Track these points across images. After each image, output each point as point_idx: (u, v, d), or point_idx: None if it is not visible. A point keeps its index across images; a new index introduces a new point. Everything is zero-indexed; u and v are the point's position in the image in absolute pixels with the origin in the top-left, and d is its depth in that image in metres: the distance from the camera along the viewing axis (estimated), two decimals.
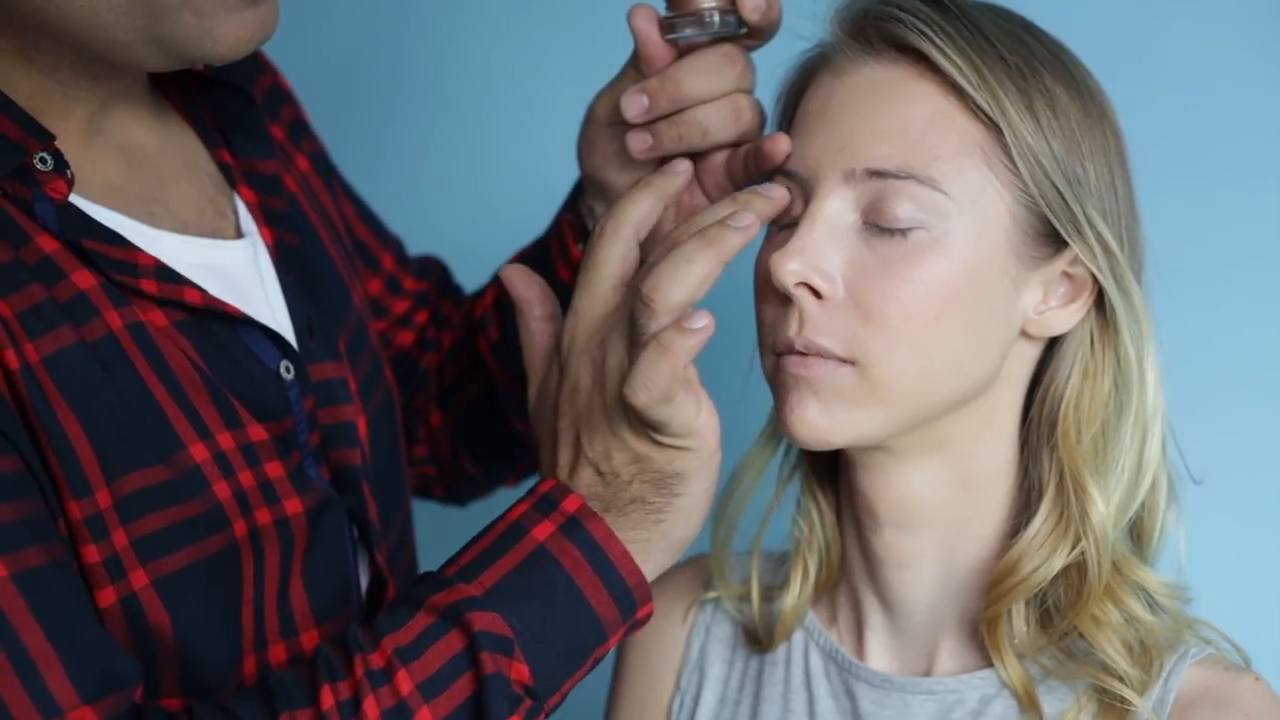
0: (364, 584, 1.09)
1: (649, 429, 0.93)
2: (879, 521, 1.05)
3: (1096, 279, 0.99)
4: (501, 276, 1.07)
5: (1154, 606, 1.02)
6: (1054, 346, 1.02)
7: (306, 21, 1.54)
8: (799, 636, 1.11)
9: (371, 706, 0.90)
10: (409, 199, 1.59)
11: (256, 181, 1.12)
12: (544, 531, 0.94)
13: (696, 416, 0.93)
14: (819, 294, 0.97)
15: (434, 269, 1.38)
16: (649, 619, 0.97)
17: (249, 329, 1.04)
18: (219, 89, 1.11)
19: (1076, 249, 0.98)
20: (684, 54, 1.05)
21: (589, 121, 1.13)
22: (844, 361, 0.97)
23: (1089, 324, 1.01)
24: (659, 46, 1.05)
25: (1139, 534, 1.04)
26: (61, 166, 0.97)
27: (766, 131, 1.07)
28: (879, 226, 0.97)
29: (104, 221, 0.99)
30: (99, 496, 0.93)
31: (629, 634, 0.97)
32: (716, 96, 1.04)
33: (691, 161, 1.08)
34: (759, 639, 1.12)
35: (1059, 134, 0.97)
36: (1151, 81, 1.31)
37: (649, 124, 1.06)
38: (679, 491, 0.95)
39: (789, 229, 1.00)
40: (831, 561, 1.10)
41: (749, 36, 1.05)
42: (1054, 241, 0.98)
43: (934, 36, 0.96)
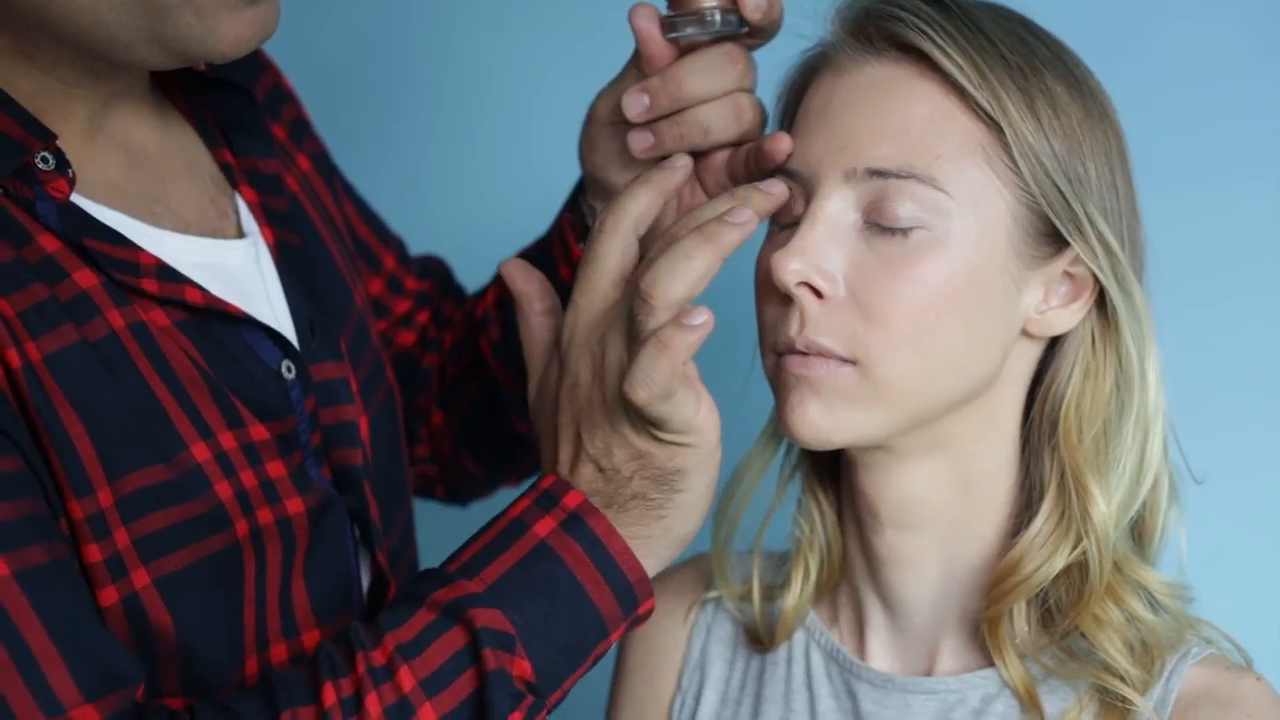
0: (365, 584, 1.09)
1: (649, 425, 0.93)
2: (880, 521, 1.04)
3: (1098, 278, 0.99)
4: (501, 271, 1.07)
5: (1155, 606, 1.02)
6: (1055, 346, 1.02)
7: (307, 21, 1.54)
8: (800, 636, 1.11)
9: (373, 703, 0.89)
10: (410, 199, 1.59)
11: (258, 181, 1.11)
12: (545, 527, 0.94)
13: (696, 413, 0.93)
14: (820, 293, 0.97)
15: (435, 269, 1.38)
16: (650, 615, 0.97)
17: (250, 329, 1.03)
18: (220, 88, 1.11)
19: (1078, 248, 0.98)
20: (685, 53, 1.05)
21: (590, 121, 1.13)
22: (845, 361, 0.97)
23: (1090, 323, 1.01)
24: (660, 45, 1.05)
25: (1140, 533, 1.04)
26: (63, 166, 0.97)
27: (768, 131, 1.07)
28: (880, 226, 0.97)
29: (105, 221, 0.99)
30: (100, 496, 0.93)
31: (630, 630, 0.96)
32: (718, 96, 1.04)
33: (693, 160, 1.08)
34: (760, 639, 1.12)
35: (1060, 133, 0.97)
36: (1152, 81, 1.31)
37: (650, 123, 1.06)
38: (680, 488, 0.95)
39: (790, 228, 1.00)
40: (833, 561, 1.10)
41: (750, 35, 1.05)
42: (1055, 241, 0.98)
43: (935, 36, 0.96)
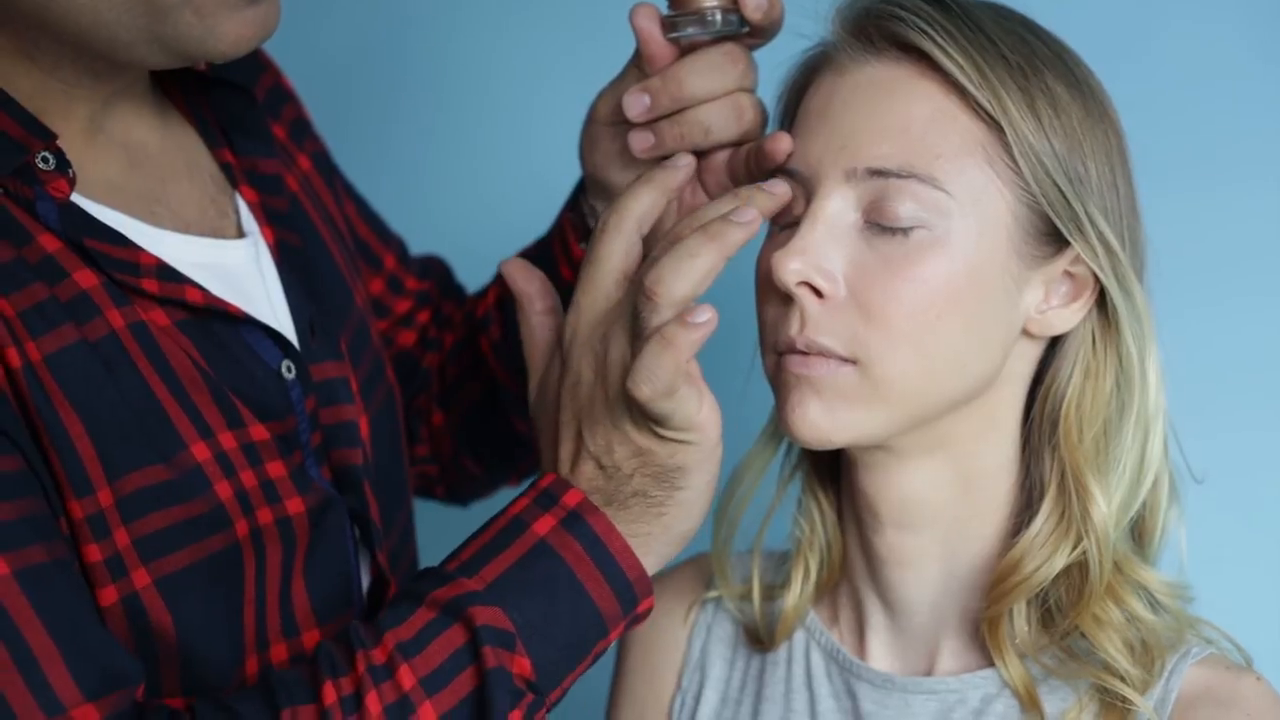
0: (365, 584, 1.09)
1: (651, 422, 0.93)
2: (880, 521, 1.04)
3: (1098, 278, 0.99)
4: (502, 270, 1.07)
5: (1155, 606, 1.02)
6: (1055, 346, 1.02)
7: (308, 21, 1.54)
8: (800, 636, 1.11)
9: (374, 702, 0.89)
10: (410, 199, 1.59)
11: (258, 181, 1.11)
12: (545, 526, 0.94)
13: (699, 410, 0.93)
14: (820, 293, 0.97)
15: (436, 269, 1.38)
16: (649, 614, 0.97)
17: (251, 328, 1.03)
18: (221, 88, 1.11)
19: (1078, 248, 0.98)
20: (686, 53, 1.05)
21: (591, 121, 1.13)
22: (845, 361, 0.97)
23: (1090, 323, 1.01)
24: (661, 45, 1.05)
25: (1140, 533, 1.04)
26: (63, 165, 0.97)
27: (768, 130, 1.07)
28: (880, 225, 0.97)
29: (106, 221, 0.99)
30: (100, 495, 0.93)
31: (630, 628, 0.96)
32: (718, 95, 1.04)
33: (695, 160, 1.08)
34: (760, 638, 1.12)
35: (1060, 133, 0.97)
36: (1152, 81, 1.31)
37: (651, 123, 1.06)
38: (680, 485, 0.95)
39: (790, 228, 1.00)
40: (833, 561, 1.10)
41: (751, 35, 1.05)
42: (1056, 240, 0.98)
43: (935, 35, 0.96)
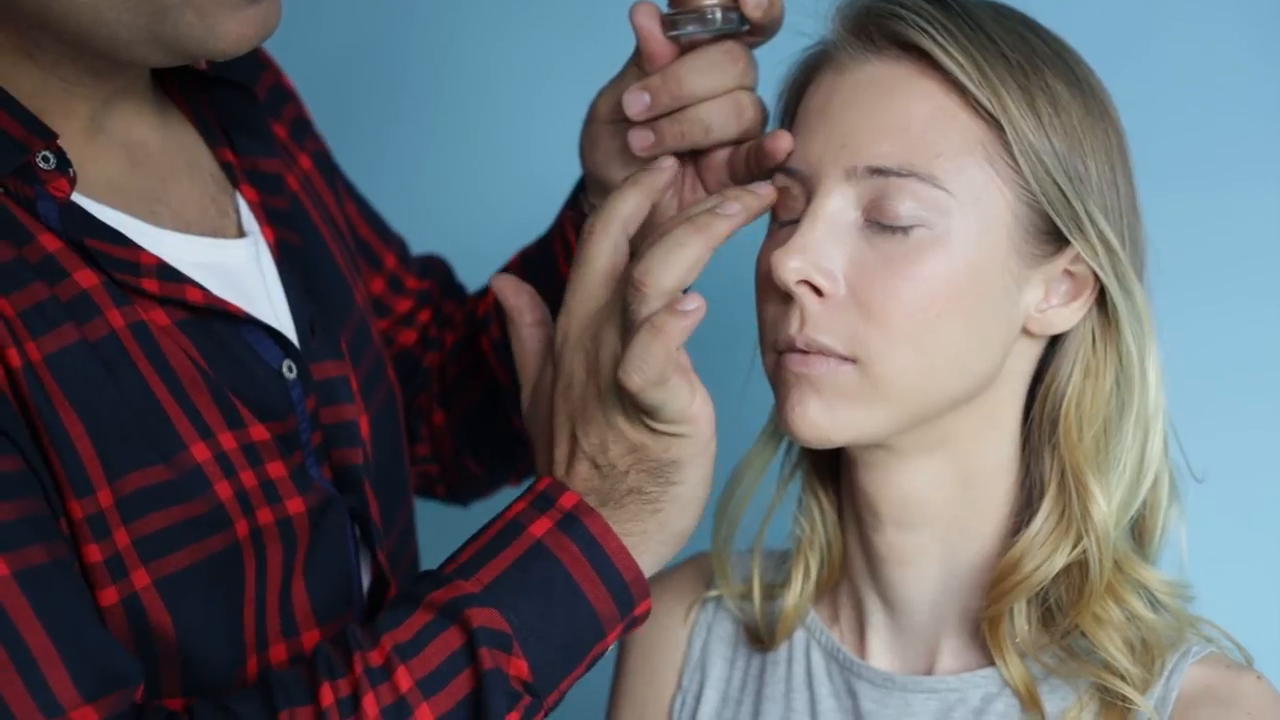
0: (366, 584, 1.09)
1: (643, 414, 0.93)
2: (880, 520, 1.04)
3: (1098, 277, 0.99)
4: (492, 286, 1.07)
5: (1156, 605, 1.02)
6: (1055, 344, 1.02)
7: (308, 20, 1.54)
8: (800, 635, 1.11)
9: (371, 704, 0.89)
10: (411, 198, 1.59)
11: (258, 180, 1.11)
12: (541, 528, 0.94)
13: (691, 402, 0.93)
14: (820, 292, 0.97)
15: (437, 268, 1.38)
16: (647, 617, 0.97)
17: (251, 328, 1.03)
18: (221, 87, 1.11)
19: (1078, 247, 0.98)
20: (686, 51, 1.05)
21: (591, 119, 1.13)
22: (845, 359, 0.97)
23: (1090, 322, 1.01)
24: (661, 43, 1.05)
25: (1140, 532, 1.04)
26: (64, 165, 0.97)
27: (768, 129, 1.07)
28: (880, 224, 0.96)
29: (106, 220, 0.99)
30: (100, 496, 0.93)
31: (627, 631, 0.96)
32: (719, 94, 1.04)
33: (693, 159, 1.08)
34: (760, 638, 1.12)
35: (1060, 131, 0.97)
36: (1152, 81, 1.31)
37: (651, 121, 1.06)
38: (675, 480, 0.95)
39: (790, 226, 1.00)
40: (833, 560, 1.10)
41: (751, 33, 1.05)
42: (1056, 239, 0.98)
43: (935, 34, 0.96)
